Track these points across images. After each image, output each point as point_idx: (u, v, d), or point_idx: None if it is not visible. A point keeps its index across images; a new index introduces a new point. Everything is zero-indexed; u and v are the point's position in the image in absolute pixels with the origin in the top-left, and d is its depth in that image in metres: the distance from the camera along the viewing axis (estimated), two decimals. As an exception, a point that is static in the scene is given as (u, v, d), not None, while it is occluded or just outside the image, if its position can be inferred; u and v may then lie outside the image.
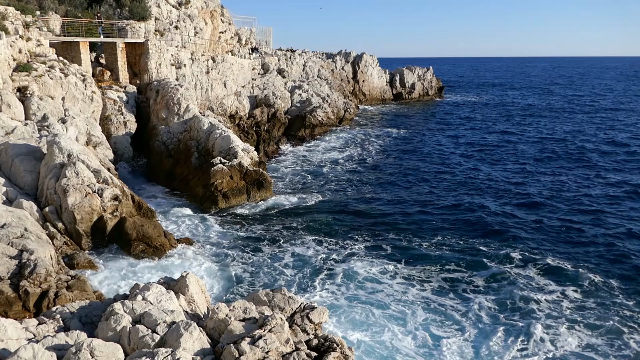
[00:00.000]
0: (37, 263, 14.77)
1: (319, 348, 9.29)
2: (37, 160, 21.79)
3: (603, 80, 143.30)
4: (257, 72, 54.47)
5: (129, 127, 32.25)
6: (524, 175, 35.47)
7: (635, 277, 19.49)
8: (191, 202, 27.52)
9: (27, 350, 7.78)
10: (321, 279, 19.18)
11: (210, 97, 42.01)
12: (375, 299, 17.72)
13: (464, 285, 18.99)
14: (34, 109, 25.97)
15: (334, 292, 18.19)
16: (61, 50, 33.48)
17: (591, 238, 23.53)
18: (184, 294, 10.71)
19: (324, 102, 55.05)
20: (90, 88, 29.87)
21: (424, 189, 31.99)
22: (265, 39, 70.03)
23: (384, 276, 19.52)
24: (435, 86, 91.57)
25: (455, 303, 17.65)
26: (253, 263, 20.35)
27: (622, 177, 34.45)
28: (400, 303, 17.50)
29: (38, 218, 19.17)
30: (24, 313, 13.53)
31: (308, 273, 19.63)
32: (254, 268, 19.90)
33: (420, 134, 53.48)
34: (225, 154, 28.82)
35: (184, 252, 20.54)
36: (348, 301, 17.52)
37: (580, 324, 16.29)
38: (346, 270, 19.78)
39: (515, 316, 16.83)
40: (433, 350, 14.96)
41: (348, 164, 38.72)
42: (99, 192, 20.25)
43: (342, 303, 17.35)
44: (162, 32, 41.64)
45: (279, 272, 19.63)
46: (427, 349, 15.07)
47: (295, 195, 29.65)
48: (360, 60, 79.81)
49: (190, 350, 8.38)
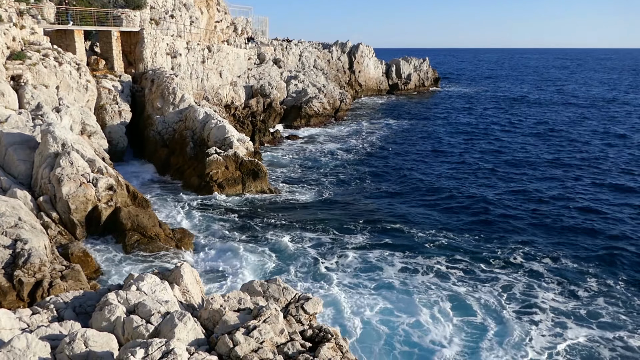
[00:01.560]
0: (31, 253, 14.72)
1: (313, 338, 9.29)
2: (31, 150, 21.65)
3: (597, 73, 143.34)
4: (253, 62, 54.21)
5: (123, 117, 32.08)
6: (527, 166, 35.71)
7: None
8: (186, 191, 27.45)
9: (21, 340, 7.75)
10: (320, 269, 19.19)
11: (205, 86, 41.81)
12: (377, 289, 17.79)
13: (467, 275, 19.11)
14: (28, 97, 25.77)
15: (335, 281, 18.23)
16: (55, 39, 33.21)
17: (598, 229, 23.76)
18: (179, 284, 10.68)
19: (320, 92, 54.91)
20: (85, 77, 29.67)
21: (422, 179, 32.08)
22: (261, 28, 69.64)
23: (385, 265, 19.62)
24: (431, 77, 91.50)
25: (458, 293, 17.72)
26: (249, 253, 20.34)
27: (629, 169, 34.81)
28: (401, 293, 17.58)
29: (32, 207, 19.07)
30: (17, 303, 13.49)
31: (304, 264, 19.65)
32: (249, 259, 19.88)
33: (417, 124, 53.52)
34: (220, 144, 28.73)
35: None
36: (348, 289, 17.57)
37: (585, 317, 16.39)
38: (344, 260, 19.85)
39: (518, 307, 16.91)
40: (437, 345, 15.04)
41: (344, 154, 38.68)
42: (93, 181, 20.15)
43: (340, 292, 17.39)
44: (158, 20, 41.34)
45: (275, 263, 19.63)
46: (431, 338, 15.16)
47: (291, 185, 29.63)
48: (357, 51, 79.55)
49: (185, 340, 8.36)
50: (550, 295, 17.70)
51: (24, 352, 7.65)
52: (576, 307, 17.04)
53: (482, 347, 14.81)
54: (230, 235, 22.19)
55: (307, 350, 8.74)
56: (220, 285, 17.81)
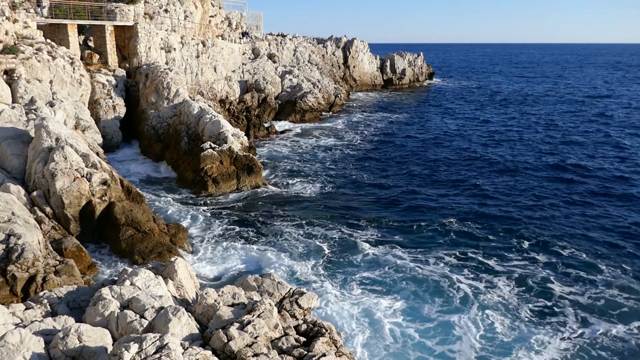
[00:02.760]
0: (25, 248, 14.66)
1: (307, 333, 9.32)
2: (24, 144, 21.53)
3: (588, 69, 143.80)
4: (247, 56, 54.07)
5: (118, 111, 31.96)
6: (530, 156, 36.22)
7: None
8: (181, 186, 27.41)
9: (14, 336, 7.74)
10: (319, 263, 19.23)
11: (200, 81, 41.68)
12: (385, 285, 17.91)
13: (474, 265, 19.39)
14: (21, 92, 25.62)
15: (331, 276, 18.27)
16: (49, 33, 33.01)
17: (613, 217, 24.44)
18: (173, 279, 10.69)
19: (315, 87, 54.85)
20: (79, 71, 29.51)
21: (422, 172, 32.36)
22: (255, 23, 69.45)
23: (389, 258, 19.77)
24: (425, 72, 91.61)
25: (463, 284, 17.92)
26: (244, 249, 20.34)
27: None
28: (408, 284, 17.78)
29: (26, 202, 18.98)
30: (11, 298, 13.44)
31: (301, 259, 19.67)
32: (245, 254, 19.89)
33: (413, 117, 53.67)
34: (215, 139, 28.67)
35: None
36: (348, 289, 17.60)
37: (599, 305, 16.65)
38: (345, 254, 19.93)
39: (532, 296, 17.20)
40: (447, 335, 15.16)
41: (339, 148, 38.68)
42: (87, 176, 20.07)
43: (340, 290, 17.42)
44: (152, 15, 41.15)
45: (268, 258, 19.63)
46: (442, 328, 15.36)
47: (287, 179, 29.62)
48: (351, 46, 79.42)
49: (179, 335, 8.37)
50: (567, 288, 17.86)
51: (17, 347, 7.64)
52: (594, 297, 17.25)
53: (502, 339, 14.98)
54: (226, 229, 22.19)
55: (301, 344, 8.77)
56: (214, 280, 17.84)
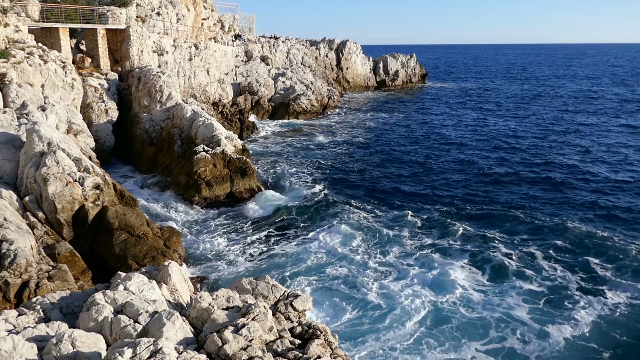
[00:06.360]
0: (17, 253, 14.56)
1: (302, 335, 9.30)
2: (16, 149, 21.40)
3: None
4: (240, 59, 54.05)
5: (110, 115, 31.83)
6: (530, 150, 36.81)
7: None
8: (174, 190, 27.31)
9: (7, 342, 7.68)
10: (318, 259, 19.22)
11: (193, 84, 41.60)
12: (385, 278, 18.06)
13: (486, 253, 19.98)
14: (12, 96, 25.45)
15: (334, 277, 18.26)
16: (40, 37, 32.84)
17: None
18: (167, 283, 10.64)
19: (308, 89, 54.87)
20: (71, 75, 29.36)
21: (421, 171, 32.74)
22: (248, 25, 69.41)
23: (391, 254, 19.98)
24: (418, 73, 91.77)
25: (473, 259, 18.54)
26: (240, 252, 20.30)
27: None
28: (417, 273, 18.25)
29: (18, 207, 18.86)
30: (4, 304, 13.34)
31: (300, 258, 19.66)
32: (241, 256, 19.84)
33: (406, 117, 53.89)
34: (208, 142, 28.59)
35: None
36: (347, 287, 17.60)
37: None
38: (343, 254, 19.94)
39: (541, 277, 18.00)
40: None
41: (333, 147, 38.72)
42: (80, 180, 19.96)
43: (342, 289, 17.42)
44: (144, 18, 41.03)
45: (265, 261, 19.62)
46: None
47: (281, 180, 29.65)
48: (344, 48, 79.54)
49: (173, 339, 8.33)
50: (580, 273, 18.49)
51: (10, 354, 7.58)
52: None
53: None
54: (219, 232, 22.13)
55: (296, 347, 8.74)
56: (208, 283, 17.78)
